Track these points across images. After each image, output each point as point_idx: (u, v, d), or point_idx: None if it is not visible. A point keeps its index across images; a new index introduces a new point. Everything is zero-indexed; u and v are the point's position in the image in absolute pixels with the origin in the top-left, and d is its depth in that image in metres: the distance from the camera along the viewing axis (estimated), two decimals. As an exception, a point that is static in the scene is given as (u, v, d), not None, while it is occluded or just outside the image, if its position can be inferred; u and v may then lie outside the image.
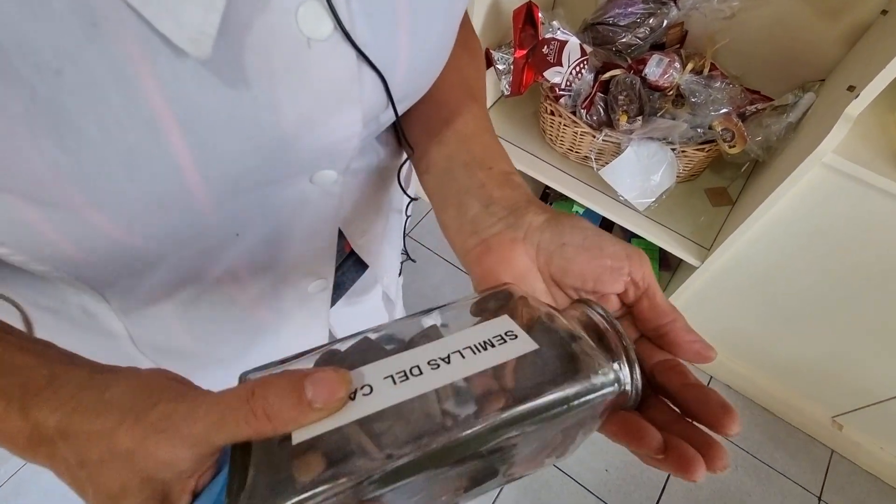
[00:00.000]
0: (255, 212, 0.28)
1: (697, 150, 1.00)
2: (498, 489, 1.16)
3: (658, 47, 1.06)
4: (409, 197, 0.45)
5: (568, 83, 0.99)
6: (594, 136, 1.04)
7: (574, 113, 1.05)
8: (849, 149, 0.73)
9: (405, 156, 0.40)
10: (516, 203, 0.28)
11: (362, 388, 0.18)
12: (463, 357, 0.19)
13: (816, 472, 1.21)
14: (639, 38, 1.03)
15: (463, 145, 0.31)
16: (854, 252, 0.84)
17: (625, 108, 0.98)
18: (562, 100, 1.05)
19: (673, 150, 0.99)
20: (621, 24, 1.03)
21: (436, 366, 0.19)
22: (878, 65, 0.64)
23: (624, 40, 1.05)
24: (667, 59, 0.99)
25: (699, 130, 0.96)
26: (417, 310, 0.24)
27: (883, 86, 0.64)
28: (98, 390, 0.18)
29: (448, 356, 0.19)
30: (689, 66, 0.99)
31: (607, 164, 1.04)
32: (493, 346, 0.20)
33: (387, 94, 0.27)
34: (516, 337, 0.20)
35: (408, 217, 0.50)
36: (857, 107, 0.68)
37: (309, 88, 0.23)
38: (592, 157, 1.09)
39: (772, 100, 0.97)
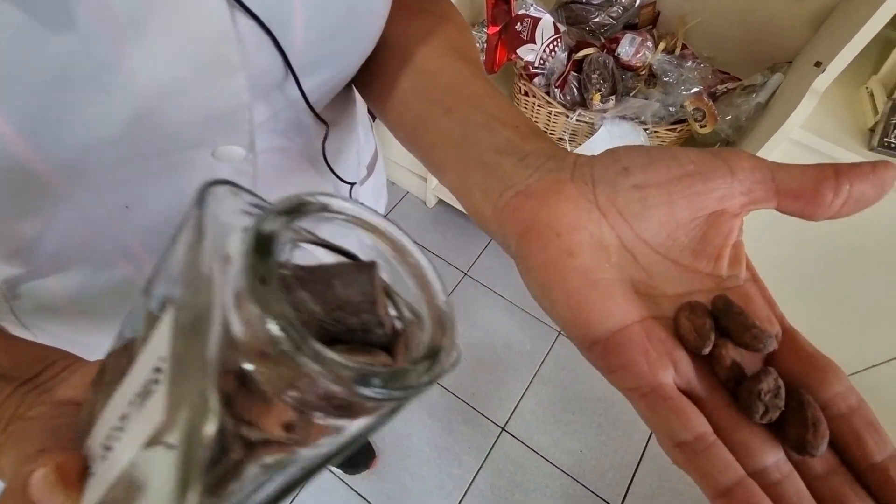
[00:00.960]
0: (146, 183, 0.24)
1: (669, 130, 1.00)
2: (473, 473, 1.15)
3: (631, 27, 1.05)
4: (343, 181, 0.38)
5: (541, 61, 0.98)
6: (568, 117, 1.03)
7: (548, 93, 1.04)
8: (816, 124, 0.74)
9: (330, 134, 0.36)
10: (555, 151, 0.22)
11: (100, 453, 0.15)
12: (132, 420, 0.13)
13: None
14: (612, 17, 1.03)
15: (477, 108, 0.25)
16: (822, 228, 0.86)
17: (598, 87, 0.98)
18: (535, 79, 1.04)
19: (645, 129, 0.99)
20: (594, 2, 1.03)
21: (119, 433, 0.14)
22: (843, 39, 0.65)
23: (597, 19, 1.04)
24: (639, 39, 0.99)
25: (671, 109, 0.96)
26: None
27: (848, 59, 0.65)
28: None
29: (127, 414, 0.14)
30: (662, 46, 0.99)
31: (581, 145, 1.04)
32: (148, 394, 0.13)
33: (282, 57, 0.22)
34: (158, 379, 0.12)
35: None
36: (823, 81, 0.68)
37: (166, 45, 0.19)
38: (566, 139, 1.08)
39: (741, 80, 0.98)
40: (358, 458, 1.11)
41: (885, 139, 0.71)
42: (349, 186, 0.41)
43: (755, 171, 0.19)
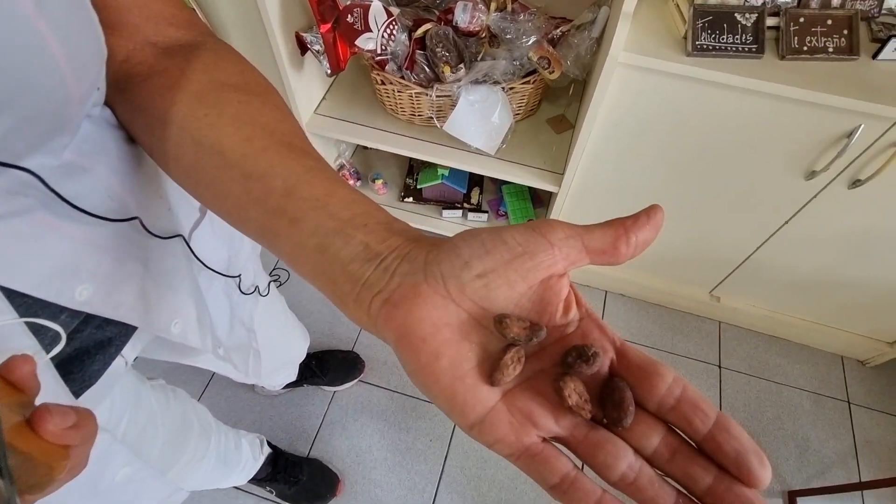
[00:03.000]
0: None
1: (524, 83, 1.03)
2: (441, 464, 1.15)
3: (462, -5, 1.07)
4: (90, 214, 0.32)
5: (384, 47, 0.98)
6: (428, 94, 1.04)
7: (403, 77, 1.04)
8: (638, 44, 0.79)
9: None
10: (405, 248, 0.25)
11: None
12: None
13: (711, 345, 1.34)
14: (441, -11, 1.04)
15: (323, 212, 0.26)
16: (676, 137, 0.92)
17: (445, 59, 0.99)
18: (387, 66, 1.03)
19: (502, 88, 1.02)
20: (420, -21, 1.03)
21: None
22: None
23: (428, -5, 1.05)
24: (471, 4, 1.00)
25: (517, 63, 0.99)
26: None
27: (642, -22, 0.69)
28: None
29: None
30: (493, 6, 1.01)
31: (448, 119, 1.05)
32: None
33: None
34: None
35: (184, 238, 0.41)
36: (630, 3, 0.72)
37: None
38: (434, 116, 1.09)
39: (573, 20, 1.03)
40: (321, 487, 1.08)
41: (697, 42, 0.76)
42: (131, 219, 0.36)
43: (569, 240, 0.24)
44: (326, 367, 1.20)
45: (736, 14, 0.77)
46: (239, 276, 0.57)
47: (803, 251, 1.06)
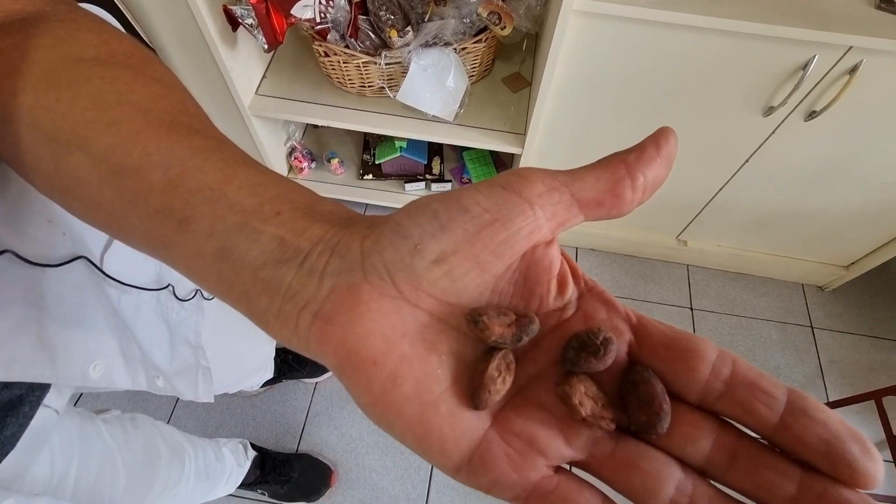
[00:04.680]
0: None
1: (475, 42, 0.98)
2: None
3: (401, -48, 1.00)
4: None
5: (322, 15, 0.91)
6: (376, 63, 0.98)
7: (347, 47, 0.97)
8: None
9: None
10: (332, 238, 0.19)
11: None
12: None
13: (682, 289, 1.37)
14: (377, -54, 0.97)
15: (219, 204, 0.20)
16: (635, 85, 0.90)
17: (390, 23, 0.93)
18: (329, 36, 0.96)
19: (454, 50, 0.97)
20: (353, -64, 0.96)
21: None
22: None
23: (364, -46, 0.97)
24: (412, -40, 0.94)
25: (467, 21, 0.94)
26: None
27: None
28: None
29: None
30: (435, -39, 0.95)
31: (400, 88, 1.00)
32: None
33: None
34: None
35: (88, 260, 0.35)
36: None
37: None
38: (385, 86, 1.03)
39: (520, -29, 0.98)
40: (314, 481, 1.05)
41: (651, -17, 0.74)
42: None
43: (553, 193, 0.18)
44: (304, 358, 1.16)
45: (687, -51, 0.74)
46: (169, 286, 0.49)
47: (763, 187, 1.08)
